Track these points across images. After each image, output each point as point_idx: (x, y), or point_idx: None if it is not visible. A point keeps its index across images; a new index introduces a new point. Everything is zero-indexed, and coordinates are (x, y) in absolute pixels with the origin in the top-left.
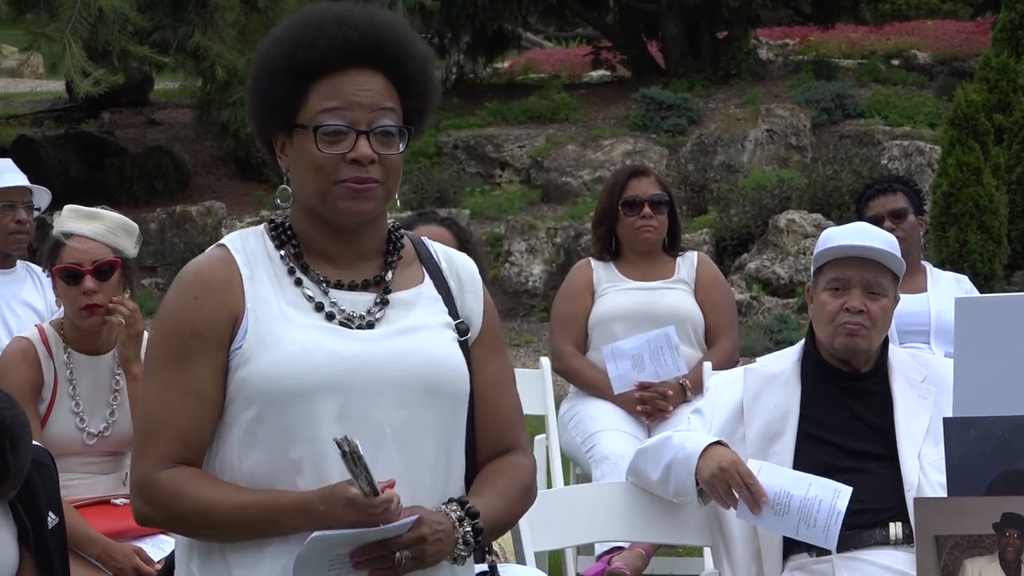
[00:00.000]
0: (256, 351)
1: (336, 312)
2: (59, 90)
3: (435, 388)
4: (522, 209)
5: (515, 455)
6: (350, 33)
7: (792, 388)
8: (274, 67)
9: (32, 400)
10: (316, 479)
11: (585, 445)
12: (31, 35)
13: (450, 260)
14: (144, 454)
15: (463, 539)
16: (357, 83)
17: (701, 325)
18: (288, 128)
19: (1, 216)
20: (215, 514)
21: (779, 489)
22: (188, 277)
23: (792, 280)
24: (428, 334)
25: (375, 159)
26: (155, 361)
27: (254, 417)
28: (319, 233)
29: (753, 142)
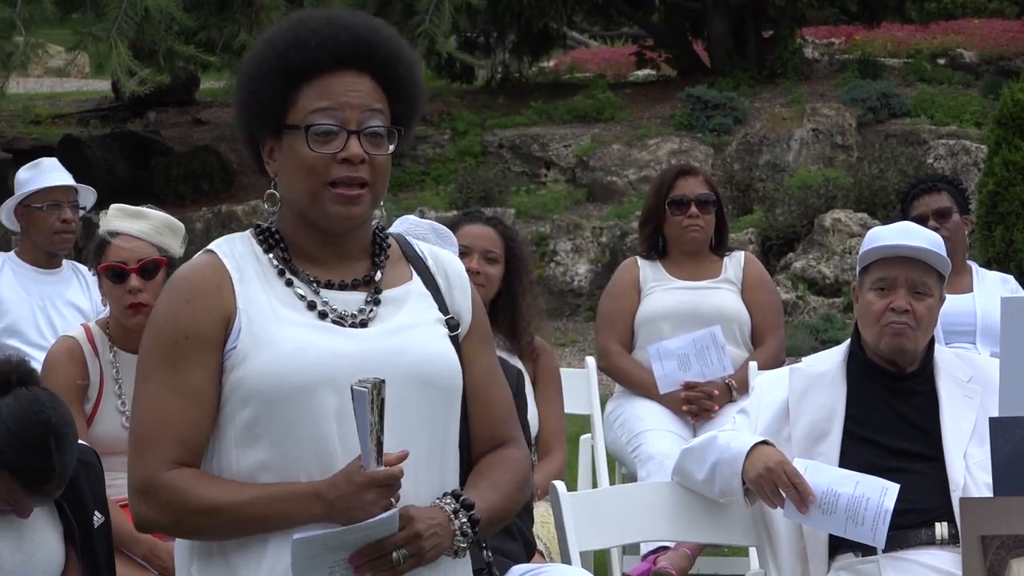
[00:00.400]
0: (251, 351)
1: (328, 311)
2: (105, 89)
3: (429, 384)
4: (567, 208)
5: (509, 448)
6: (341, 35)
7: (838, 388)
8: (266, 68)
9: (78, 399)
10: (319, 476)
11: (631, 444)
12: (77, 35)
13: (436, 257)
14: (143, 458)
15: (460, 531)
16: (347, 84)
17: (747, 325)
18: (277, 131)
19: (46, 215)
20: (224, 511)
21: (826, 487)
22: (179, 283)
23: (838, 280)
24: (421, 331)
25: (365, 159)
26: (150, 366)
27: (251, 416)
28: (307, 236)
29: (799, 141)
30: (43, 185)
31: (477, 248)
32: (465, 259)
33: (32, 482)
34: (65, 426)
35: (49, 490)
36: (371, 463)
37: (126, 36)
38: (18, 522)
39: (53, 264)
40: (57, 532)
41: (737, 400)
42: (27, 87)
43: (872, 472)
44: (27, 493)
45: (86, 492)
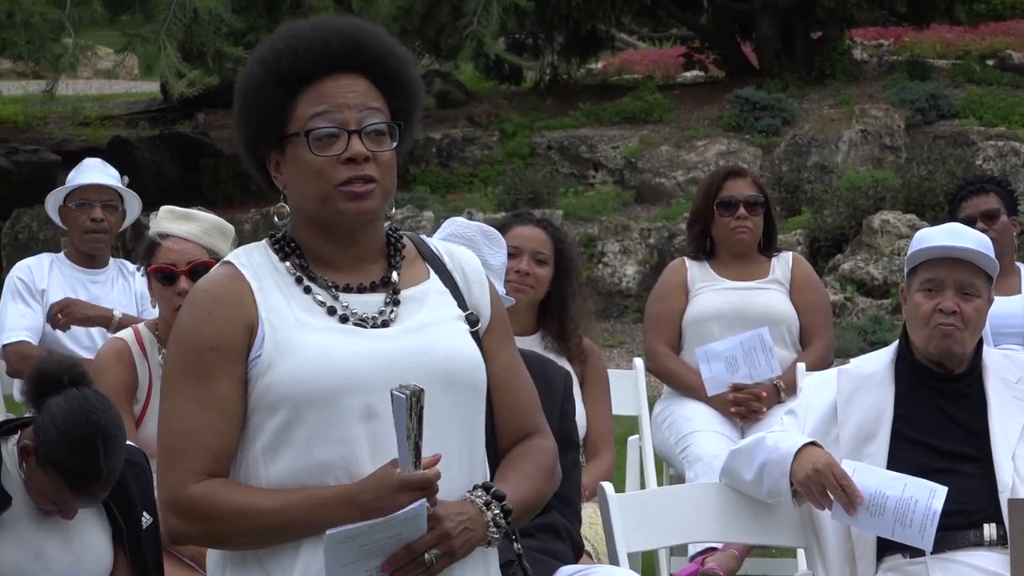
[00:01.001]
0: (276, 358)
1: (349, 314)
2: (154, 91)
3: (455, 381)
4: (615, 210)
5: (535, 439)
6: (330, 38)
7: (886, 389)
8: (259, 82)
9: (127, 401)
10: (347, 480)
11: (679, 446)
12: (126, 36)
13: (451, 254)
14: (172, 471)
15: (493, 522)
16: (342, 86)
17: (796, 326)
18: (279, 143)
19: (77, 215)
20: (256, 520)
21: (874, 490)
22: (199, 295)
23: (886, 281)
24: (443, 328)
25: (369, 156)
26: (175, 379)
27: (280, 423)
28: (321, 241)
29: (847, 143)
30: (77, 184)
31: (527, 250)
32: (515, 261)
33: (79, 482)
34: (114, 427)
35: (96, 491)
36: (408, 468)
37: (175, 38)
38: (66, 523)
39: (97, 264)
40: (106, 533)
41: (785, 401)
42: (76, 89)
43: (920, 473)
44: (74, 494)
45: (134, 493)
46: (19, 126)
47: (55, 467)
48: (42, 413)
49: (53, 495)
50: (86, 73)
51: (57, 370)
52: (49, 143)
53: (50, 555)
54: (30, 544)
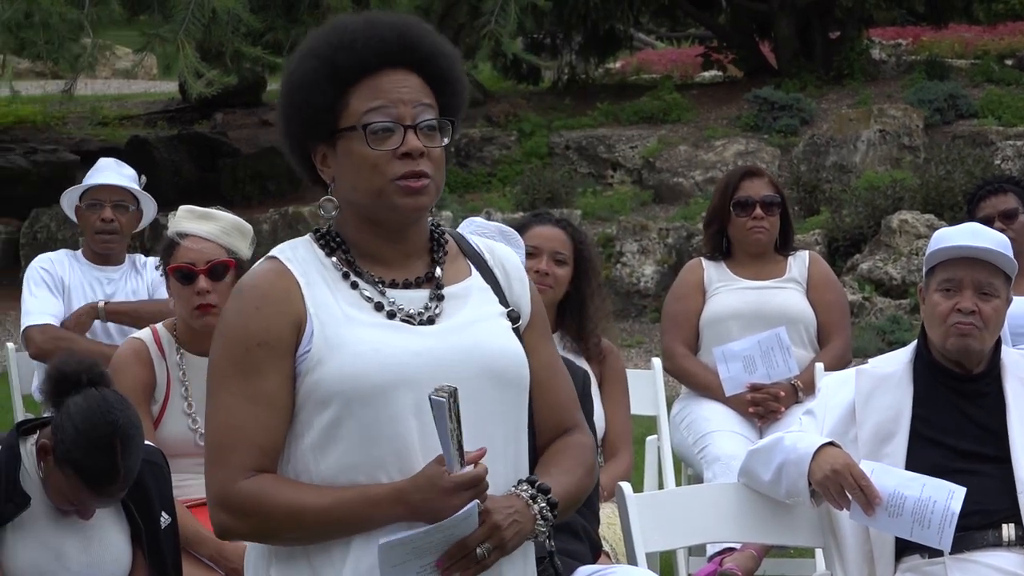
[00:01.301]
0: (325, 354)
1: (396, 310)
2: (172, 91)
3: (501, 378)
4: (634, 210)
5: (573, 435)
6: (385, 34)
7: (904, 389)
8: (313, 76)
9: (145, 401)
10: (399, 475)
11: (697, 446)
12: (145, 36)
13: (492, 251)
14: (220, 466)
15: (540, 515)
16: (396, 81)
17: (813, 325)
18: (329, 137)
19: (88, 214)
20: (306, 517)
21: (893, 490)
22: (246, 290)
23: (905, 281)
24: (487, 325)
25: (424, 151)
26: (222, 375)
27: (330, 419)
28: (369, 236)
29: (865, 142)
30: (89, 184)
31: (546, 249)
32: (534, 261)
33: (97, 482)
34: (132, 428)
35: (113, 491)
36: (455, 467)
37: (193, 38)
38: (85, 523)
39: (112, 262)
40: (124, 533)
41: (803, 401)
42: (95, 89)
43: (938, 473)
44: (91, 493)
45: (153, 493)
46: (38, 126)
47: (72, 466)
48: (60, 412)
49: (70, 494)
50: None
51: (76, 370)
52: (68, 143)
53: (69, 555)
54: (49, 544)
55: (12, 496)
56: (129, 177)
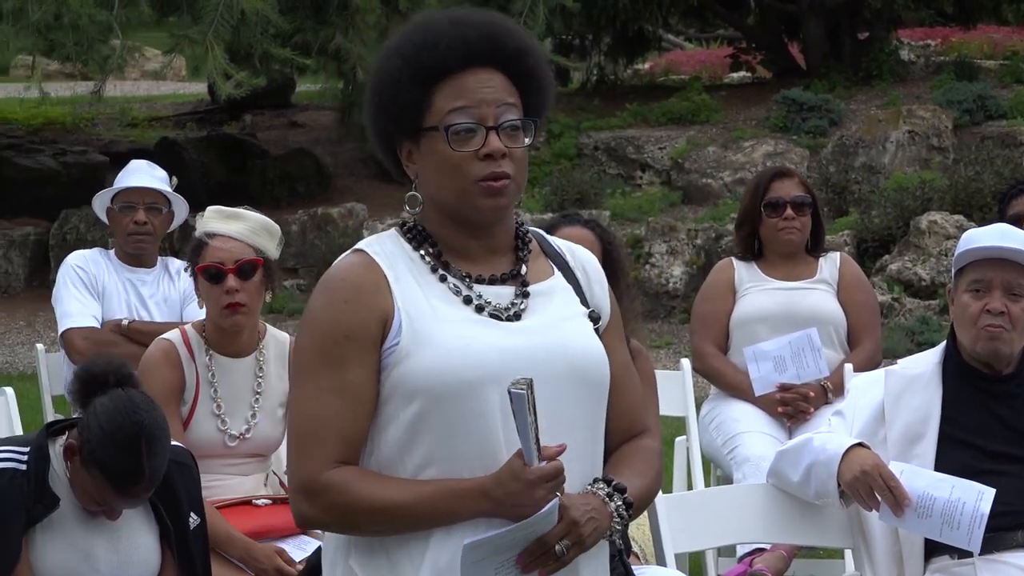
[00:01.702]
0: (414, 348)
1: (484, 304)
2: (201, 92)
3: (585, 378)
4: (662, 211)
5: (644, 439)
6: (469, 33)
7: (933, 390)
8: (398, 75)
9: (174, 402)
10: (483, 472)
11: (727, 447)
12: (174, 38)
13: (573, 252)
14: (305, 457)
15: (617, 513)
16: (480, 81)
17: (843, 326)
18: (415, 134)
19: (120, 216)
20: (390, 508)
21: (922, 491)
22: (335, 283)
23: (934, 282)
24: (572, 324)
25: (506, 152)
26: (308, 366)
27: (416, 413)
28: (454, 231)
29: (894, 143)
30: (122, 186)
31: None
32: None
33: (122, 483)
34: (157, 428)
35: (138, 492)
36: (534, 460)
37: (222, 39)
38: (114, 523)
39: (144, 263)
40: (153, 533)
41: (833, 402)
42: (124, 90)
43: (968, 474)
44: (117, 494)
45: (182, 493)
46: (67, 127)
47: (98, 467)
48: (87, 413)
49: (96, 495)
50: (134, 74)
51: (104, 371)
52: (97, 144)
53: (98, 556)
54: (78, 545)
55: (41, 497)
56: (161, 179)
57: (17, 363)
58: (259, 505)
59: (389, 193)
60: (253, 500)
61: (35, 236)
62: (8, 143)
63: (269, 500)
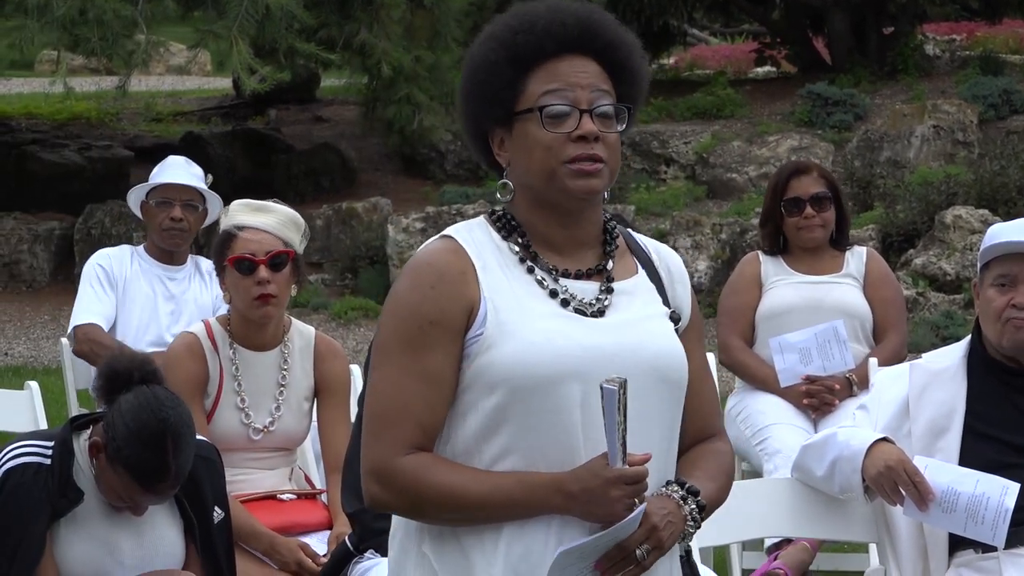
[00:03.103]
0: (498, 339)
1: (570, 299)
2: (226, 87)
3: (665, 378)
4: (687, 205)
5: (715, 442)
6: (567, 19)
7: (958, 384)
8: (493, 58)
9: (198, 395)
10: (561, 467)
11: (755, 439)
12: (198, 32)
13: (658, 252)
14: (380, 440)
15: (691, 516)
16: (575, 67)
17: (869, 321)
18: (507, 120)
19: (157, 212)
20: (463, 497)
21: (946, 486)
22: (422, 267)
23: (959, 276)
24: (654, 324)
25: (599, 136)
26: (390, 348)
27: (497, 404)
28: (544, 220)
29: (919, 138)
30: (160, 182)
31: None
32: None
33: (148, 480)
34: (183, 426)
35: (164, 489)
36: (617, 461)
37: (247, 34)
38: (138, 518)
39: (176, 260)
40: (177, 527)
41: (857, 395)
42: (149, 85)
43: (992, 469)
44: (143, 491)
45: (206, 488)
46: (92, 122)
47: (124, 464)
48: (112, 410)
49: (122, 492)
50: (158, 69)
51: (128, 367)
52: (122, 139)
53: (123, 550)
54: (102, 539)
55: (66, 491)
56: (198, 176)
57: (42, 357)
58: (284, 500)
59: (413, 188)
60: (278, 495)
61: (60, 231)
62: (33, 138)
63: (294, 495)
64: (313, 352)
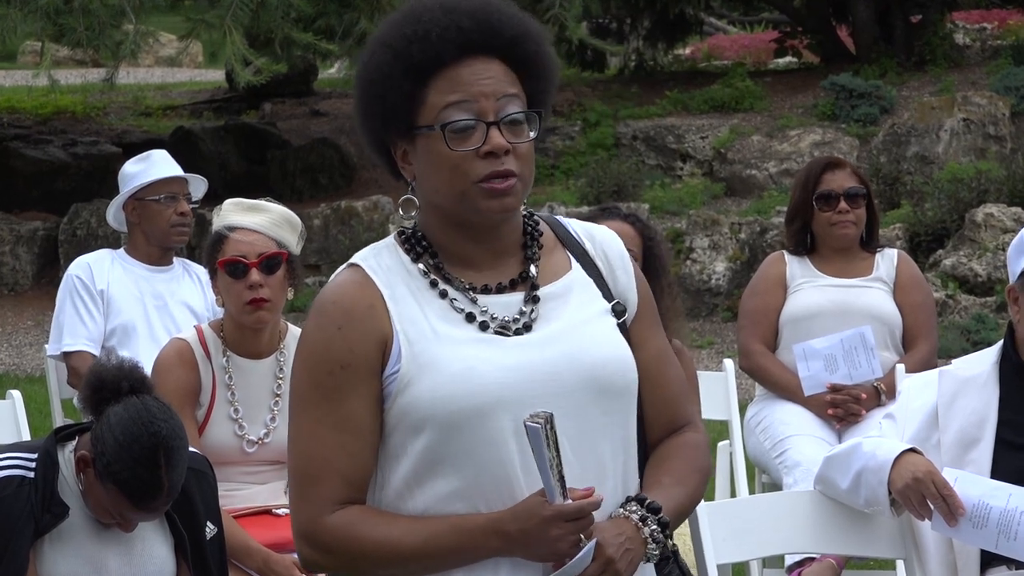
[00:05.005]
0: (415, 375)
1: (489, 320)
2: (219, 80)
3: (608, 388)
4: (704, 203)
5: (687, 432)
6: (463, 21)
7: (990, 392)
8: (387, 70)
9: (189, 405)
10: (501, 503)
11: (775, 451)
12: (190, 22)
13: (592, 238)
14: (306, 499)
15: (651, 537)
16: (477, 72)
17: (899, 327)
18: (408, 133)
19: (163, 208)
20: (398, 551)
21: (977, 500)
22: (327, 307)
23: (990, 278)
24: (590, 329)
25: (509, 149)
26: (303, 399)
27: (426, 445)
28: (456, 237)
29: (949, 132)
30: (159, 176)
31: None
32: None
33: (140, 497)
34: (176, 439)
35: (157, 505)
36: (556, 498)
37: (241, 23)
38: (126, 534)
39: (165, 261)
40: (167, 544)
41: (885, 405)
42: (137, 77)
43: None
44: (134, 508)
45: (198, 502)
46: (78, 117)
47: (114, 481)
48: (100, 423)
49: (112, 508)
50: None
51: (116, 376)
52: (109, 134)
53: (110, 567)
54: (89, 556)
55: (50, 506)
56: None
57: (25, 365)
58: (279, 515)
59: None
60: (273, 510)
61: (44, 231)
62: (16, 133)
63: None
64: None
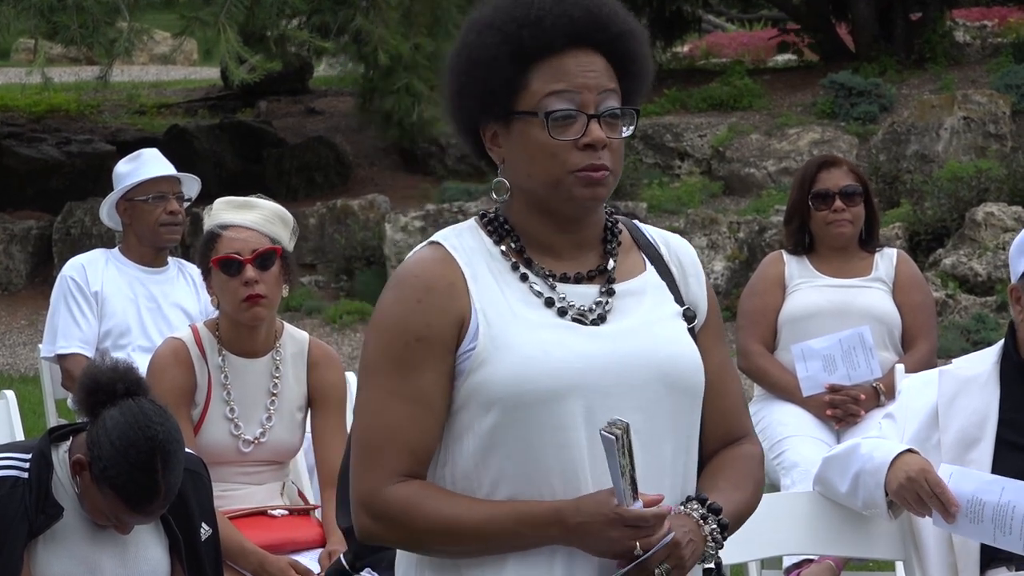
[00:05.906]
0: (491, 354)
1: (567, 307)
2: (213, 78)
3: (676, 386)
4: (703, 202)
5: (743, 445)
6: (574, 11)
7: (990, 391)
8: (494, 52)
9: (184, 405)
10: (565, 488)
11: (773, 452)
12: (184, 19)
13: (667, 243)
14: (369, 468)
15: (711, 537)
16: (582, 64)
17: (898, 327)
18: (504, 117)
19: (152, 208)
20: (458, 529)
21: (971, 495)
22: (408, 279)
23: (991, 277)
24: (663, 327)
25: (607, 143)
26: (376, 369)
27: (493, 423)
28: (540, 224)
29: (949, 130)
30: (147, 176)
31: None
32: None
33: (137, 501)
34: (172, 442)
35: (154, 509)
36: (627, 501)
37: (235, 21)
38: (121, 536)
39: (159, 262)
40: (162, 545)
41: (884, 406)
42: (131, 75)
43: None
44: (131, 512)
45: (193, 503)
46: (72, 115)
47: (111, 485)
48: (96, 427)
49: (108, 512)
50: (142, 59)
51: (111, 378)
52: (103, 133)
53: (104, 569)
54: (83, 557)
55: (44, 507)
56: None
57: (18, 365)
58: (275, 516)
59: (412, 184)
60: (269, 511)
61: (38, 230)
62: (9, 132)
63: (286, 511)
64: (307, 359)
